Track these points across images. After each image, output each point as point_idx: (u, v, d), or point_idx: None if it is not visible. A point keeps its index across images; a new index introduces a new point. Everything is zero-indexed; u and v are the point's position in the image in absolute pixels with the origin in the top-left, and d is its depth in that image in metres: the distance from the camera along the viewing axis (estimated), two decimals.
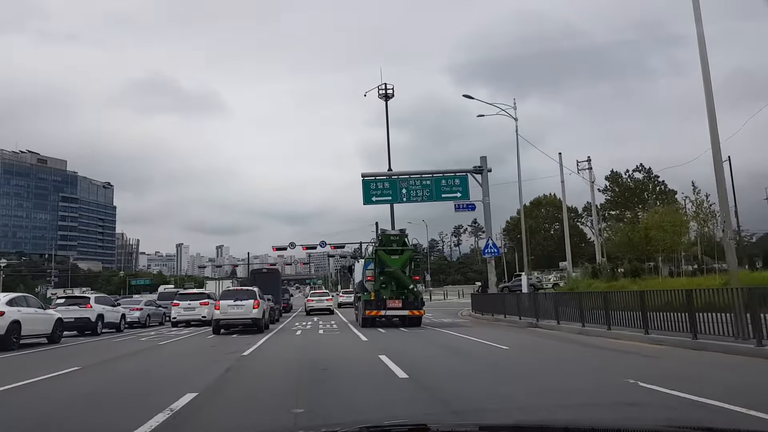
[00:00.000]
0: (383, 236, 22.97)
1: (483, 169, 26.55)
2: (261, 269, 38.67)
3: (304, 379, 8.78)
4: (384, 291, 21.34)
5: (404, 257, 21.62)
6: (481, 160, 26.96)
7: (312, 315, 33.54)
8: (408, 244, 22.48)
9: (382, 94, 45.14)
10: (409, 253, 21.98)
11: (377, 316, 21.43)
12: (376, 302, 21.24)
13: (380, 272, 21.68)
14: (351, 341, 16.28)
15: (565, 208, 39.28)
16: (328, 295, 38.76)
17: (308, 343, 15.78)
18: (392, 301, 21.05)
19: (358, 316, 23.47)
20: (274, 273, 36.29)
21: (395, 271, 21.30)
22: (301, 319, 30.93)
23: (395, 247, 21.77)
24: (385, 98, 44.91)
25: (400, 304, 21.07)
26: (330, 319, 29.63)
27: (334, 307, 37.38)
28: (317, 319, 29.51)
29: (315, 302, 35.55)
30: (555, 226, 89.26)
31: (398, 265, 21.31)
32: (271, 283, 31.49)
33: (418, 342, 15.60)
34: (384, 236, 22.88)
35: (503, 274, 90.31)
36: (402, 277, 21.39)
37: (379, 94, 45.19)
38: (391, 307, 21.08)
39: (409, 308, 21.16)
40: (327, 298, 36.50)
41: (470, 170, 26.88)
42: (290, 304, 42.22)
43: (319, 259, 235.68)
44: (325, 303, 35.58)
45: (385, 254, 21.52)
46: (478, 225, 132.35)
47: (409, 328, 20.34)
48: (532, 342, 14.54)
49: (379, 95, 45.20)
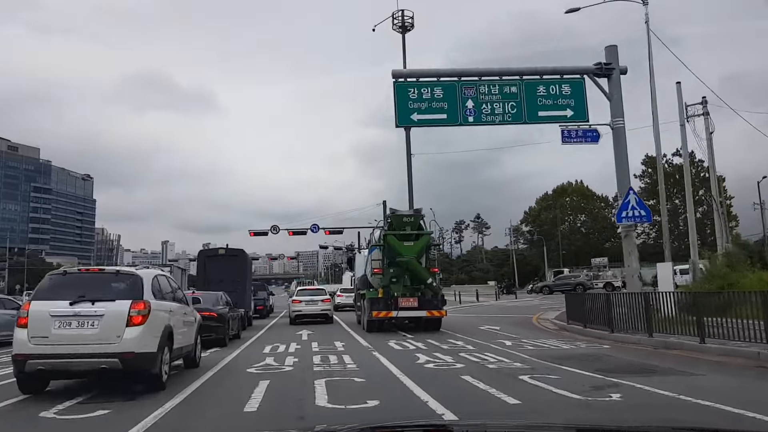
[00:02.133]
0: (393, 218, 19.19)
1: (613, 69, 14.90)
2: (216, 250, 22.89)
3: None
4: (395, 286, 18.17)
5: (420, 243, 18.42)
6: (608, 53, 15.20)
7: (299, 324, 21.97)
8: (424, 227, 19.67)
9: (398, 25, 33.39)
10: (426, 238, 18.91)
11: (386, 319, 17.97)
12: (384, 301, 17.93)
13: (390, 263, 18.48)
14: None
15: (688, 172, 26.96)
16: (324, 293, 25.30)
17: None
18: (406, 299, 17.88)
19: (362, 318, 20.08)
20: (238, 257, 22.12)
21: (409, 262, 18.09)
22: (281, 332, 19.39)
23: (409, 231, 18.48)
24: (402, 30, 33.18)
25: (416, 302, 17.90)
26: (330, 333, 18.21)
27: (332, 311, 24.74)
28: (308, 333, 17.86)
29: (304, 304, 23.34)
30: (581, 218, 77.72)
31: (413, 254, 18.12)
32: (234, 273, 20.16)
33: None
34: (395, 218, 19.11)
35: (532, 273, 79.99)
36: (418, 269, 18.22)
37: (394, 24, 33.45)
38: (404, 307, 17.81)
39: (427, 308, 17.98)
40: (322, 298, 23.87)
41: (590, 69, 15.19)
42: (269, 305, 30.49)
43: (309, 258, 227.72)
44: (320, 305, 23.38)
45: (396, 240, 18.23)
46: (481, 220, 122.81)
47: (427, 331, 17.15)
48: None
49: (394, 26, 33.46)
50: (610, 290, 46.47)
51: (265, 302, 28.48)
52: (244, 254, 22.64)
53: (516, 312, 27.44)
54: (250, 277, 23.23)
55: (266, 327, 21.88)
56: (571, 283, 44.79)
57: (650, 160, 74.39)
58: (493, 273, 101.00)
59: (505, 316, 24.75)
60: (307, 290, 26.19)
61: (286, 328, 21.52)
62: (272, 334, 18.90)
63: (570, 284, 44.35)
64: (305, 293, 24.70)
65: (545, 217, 74.71)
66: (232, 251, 21.92)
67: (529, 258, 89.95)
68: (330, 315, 23.49)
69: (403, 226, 18.57)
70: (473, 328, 18.85)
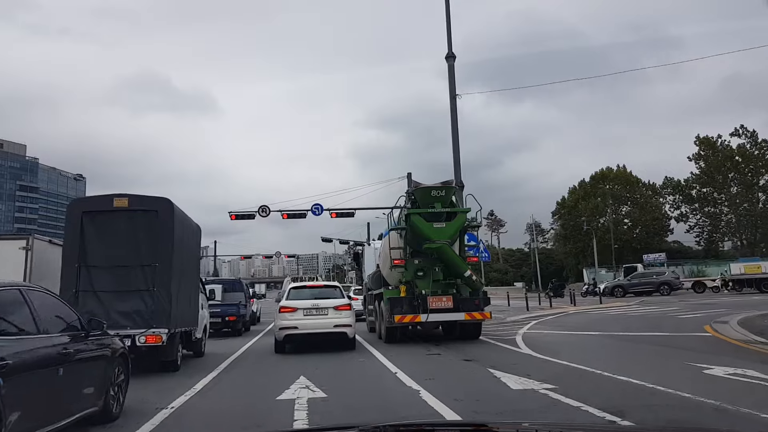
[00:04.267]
0: (419, 192, 14.90)
1: None
2: (106, 200, 9.59)
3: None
4: (422, 282, 14.07)
5: (454, 225, 14.24)
6: None
7: (293, 353, 12.27)
8: (458, 204, 15.29)
9: None
10: (461, 218, 14.56)
11: (412, 324, 14.06)
12: (409, 301, 13.78)
13: (414, 252, 14.47)
14: None
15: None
16: (338, 292, 14.10)
17: None
18: (437, 298, 13.75)
19: (378, 325, 15.69)
20: (155, 216, 9.58)
21: (441, 249, 13.83)
22: (250, 379, 9.88)
23: (439, 209, 14.21)
24: None
25: (450, 302, 13.78)
26: (352, 370, 9.42)
27: (354, 326, 13.45)
28: (308, 383, 7.92)
29: (302, 314, 12.77)
30: (625, 208, 67.46)
31: (445, 238, 13.89)
32: (145, 249, 9.36)
33: None
34: (420, 192, 14.82)
35: (555, 274, 70.56)
36: (453, 258, 14.09)
37: None
38: (436, 309, 13.61)
39: (466, 309, 13.82)
40: (336, 303, 13.11)
41: None
42: (249, 314, 20.44)
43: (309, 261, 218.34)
44: (332, 316, 12.88)
45: (422, 221, 14.04)
46: (495, 217, 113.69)
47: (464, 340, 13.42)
48: None
49: None
50: (701, 290, 36.72)
51: (240, 309, 18.32)
52: (169, 210, 9.86)
53: (659, 324, 17.10)
54: (192, 258, 11.91)
55: (227, 361, 11.65)
56: (653, 282, 35.02)
57: (705, 141, 63.96)
58: (513, 274, 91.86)
59: (666, 335, 14.42)
60: (308, 288, 14.85)
61: (267, 362, 11.59)
62: (230, 385, 9.05)
63: (652, 283, 34.51)
64: (304, 293, 13.95)
65: (584, 207, 64.40)
66: (143, 202, 9.71)
67: (552, 257, 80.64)
68: (350, 333, 13.03)
69: (432, 203, 14.43)
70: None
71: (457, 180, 22.98)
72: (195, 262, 12.54)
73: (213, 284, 18.25)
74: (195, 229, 11.78)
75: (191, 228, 11.39)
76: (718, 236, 65.31)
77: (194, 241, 11.93)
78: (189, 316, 10.89)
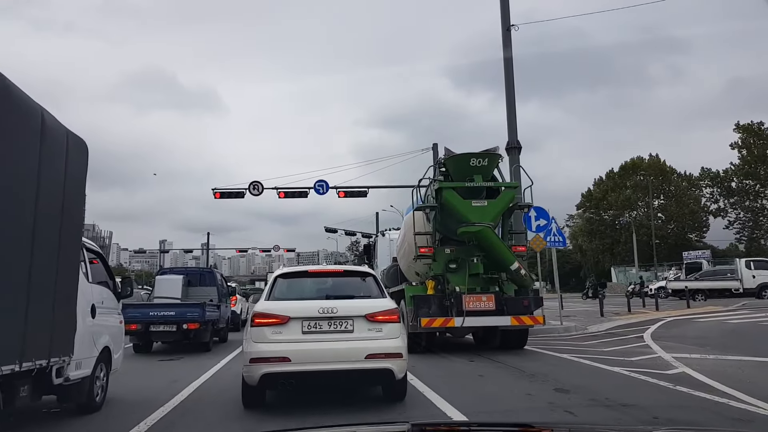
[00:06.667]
0: (452, 161, 11.92)
1: None
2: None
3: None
4: (455, 277, 11.32)
5: (500, 204, 11.34)
6: None
7: (278, 405, 6.43)
8: (503, 178, 12.19)
9: None
10: (509, 194, 11.60)
11: (443, 329, 11.37)
12: (439, 300, 11.05)
13: (445, 238, 11.80)
14: None
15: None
16: (371, 287, 6.74)
17: None
18: (475, 297, 10.89)
19: None
20: None
21: (482, 234, 10.91)
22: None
23: (479, 184, 11.31)
24: None
25: (492, 302, 10.90)
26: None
27: (406, 357, 6.33)
28: None
29: (305, 333, 6.04)
30: (658, 201, 61.48)
31: (488, 220, 11.00)
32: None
33: None
34: (455, 161, 11.85)
35: (572, 273, 65.07)
36: (497, 246, 11.12)
37: None
38: (473, 311, 10.77)
39: (512, 312, 10.91)
40: (373, 309, 6.17)
41: None
42: (224, 319, 14.57)
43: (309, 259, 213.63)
44: (363, 339, 6.05)
45: (457, 197, 11.17)
46: None
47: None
48: None
49: None
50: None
51: (206, 312, 11.95)
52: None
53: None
54: (48, 204, 4.86)
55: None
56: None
57: (746, 128, 57.86)
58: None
59: None
60: (311, 277, 7.26)
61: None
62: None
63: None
64: (304, 288, 6.98)
65: (614, 199, 58.48)
66: None
67: (568, 255, 75.16)
68: (398, 370, 6.15)
69: (469, 174, 11.22)
70: None
71: (512, 140, 17.24)
72: (61, 216, 5.28)
73: (169, 274, 12.56)
74: (57, 139, 5.19)
75: (35, 131, 4.64)
76: (759, 233, 59.30)
77: (53, 166, 5.02)
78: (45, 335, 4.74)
